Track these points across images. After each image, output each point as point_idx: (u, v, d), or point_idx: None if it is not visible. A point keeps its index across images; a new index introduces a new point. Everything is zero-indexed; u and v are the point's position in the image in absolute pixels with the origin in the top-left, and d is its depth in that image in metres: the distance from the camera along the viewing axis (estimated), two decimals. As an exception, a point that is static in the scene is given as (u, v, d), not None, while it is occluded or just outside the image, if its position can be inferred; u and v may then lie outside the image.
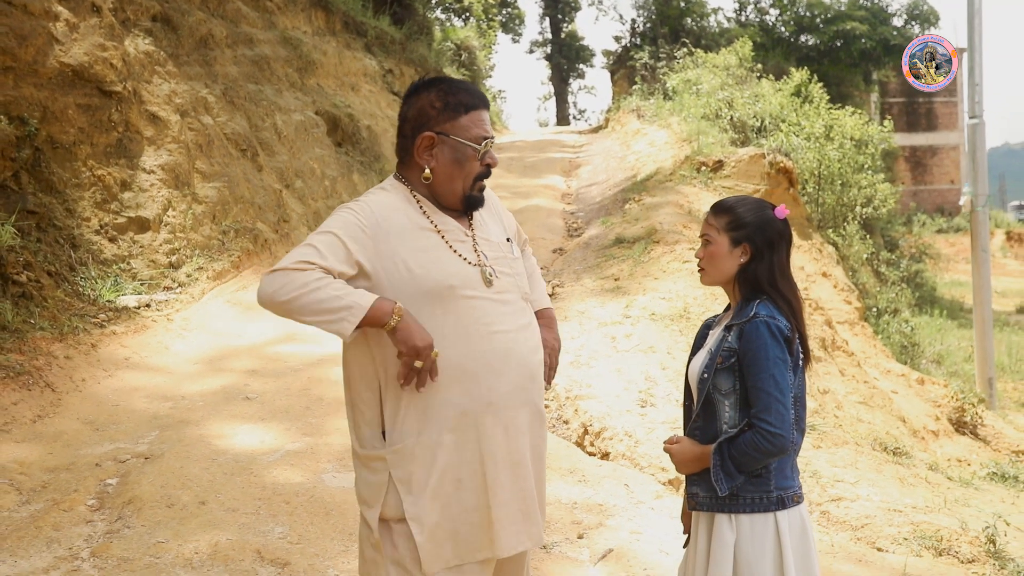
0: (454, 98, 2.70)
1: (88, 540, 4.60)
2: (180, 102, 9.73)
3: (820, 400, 7.88)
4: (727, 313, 2.93)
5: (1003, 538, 5.38)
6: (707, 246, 2.88)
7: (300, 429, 6.16)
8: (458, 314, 2.62)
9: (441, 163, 2.69)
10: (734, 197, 2.96)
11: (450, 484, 2.59)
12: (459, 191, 2.73)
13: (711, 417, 2.79)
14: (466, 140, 2.67)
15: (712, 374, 2.77)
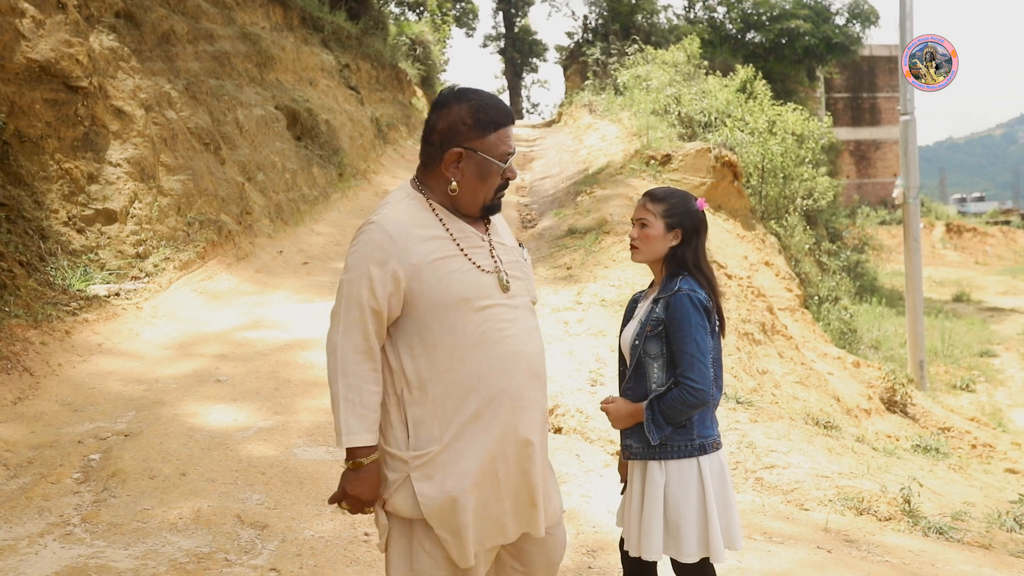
0: (484, 115, 2.76)
1: (77, 508, 4.93)
2: (144, 97, 9.99)
3: (759, 380, 8.42)
4: (652, 288, 3.37)
5: (917, 499, 5.92)
6: (644, 228, 3.31)
7: (271, 408, 6.53)
8: (475, 323, 2.70)
9: (466, 177, 2.76)
10: (665, 188, 3.40)
11: (471, 484, 2.68)
12: (480, 202, 2.81)
13: (641, 379, 3.24)
14: (493, 157, 2.76)
15: (643, 341, 3.22)
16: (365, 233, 2.73)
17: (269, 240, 11.07)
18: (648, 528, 3.15)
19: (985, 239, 39.72)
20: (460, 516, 2.69)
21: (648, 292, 3.40)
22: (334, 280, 10.16)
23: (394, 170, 17.23)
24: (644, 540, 3.16)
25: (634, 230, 3.32)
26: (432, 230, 2.75)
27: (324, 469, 5.55)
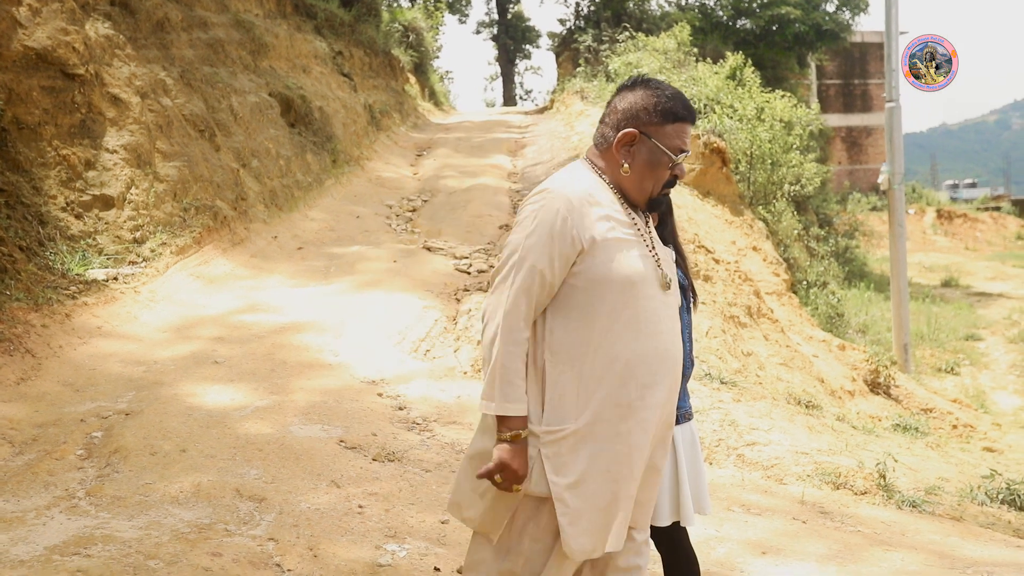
0: (666, 105, 2.76)
1: (82, 483, 5.12)
2: (140, 84, 10.12)
3: (743, 361, 8.63)
4: None
5: (893, 474, 6.14)
6: None
7: (267, 389, 6.72)
8: (634, 309, 2.66)
9: (637, 162, 2.74)
10: None
11: (596, 473, 2.63)
12: (647, 192, 2.79)
13: None
14: (665, 147, 2.74)
15: None
16: (544, 200, 2.67)
17: (264, 225, 11.23)
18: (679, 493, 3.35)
19: (975, 225, 39.97)
20: (582, 502, 2.62)
21: None
22: (328, 265, 10.35)
23: (387, 156, 17.38)
24: (683, 506, 3.35)
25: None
26: (609, 208, 2.73)
27: (319, 446, 5.74)
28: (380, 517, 4.87)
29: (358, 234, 12.00)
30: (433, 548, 4.57)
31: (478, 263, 10.72)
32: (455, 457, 6.02)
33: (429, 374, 7.54)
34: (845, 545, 4.82)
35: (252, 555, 4.26)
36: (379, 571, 4.22)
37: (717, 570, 4.47)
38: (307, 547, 4.40)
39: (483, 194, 14.34)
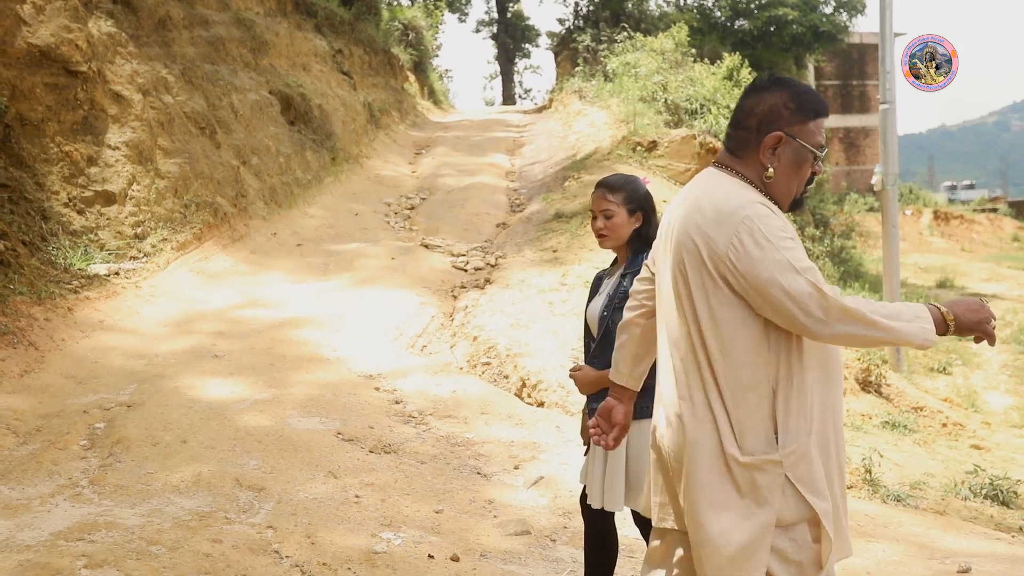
0: (806, 102, 2.69)
1: (85, 472, 5.25)
2: (142, 82, 10.24)
3: (735, 359, 8.74)
4: (616, 265, 3.68)
5: (879, 469, 6.27)
6: (610, 219, 3.61)
7: (266, 382, 6.85)
8: None
9: (782, 164, 2.66)
10: (617, 176, 3.71)
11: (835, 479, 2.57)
12: (792, 193, 2.72)
13: (608, 348, 3.55)
14: (810, 145, 2.67)
15: (611, 312, 3.54)
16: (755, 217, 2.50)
17: (263, 222, 11.36)
18: (612, 482, 3.47)
19: (972, 226, 40.06)
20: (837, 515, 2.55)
21: (612, 269, 3.70)
22: (326, 261, 10.48)
23: (386, 155, 17.50)
24: (608, 493, 3.48)
25: (599, 221, 3.61)
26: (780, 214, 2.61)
27: (317, 438, 5.87)
28: (376, 506, 4.99)
29: (357, 231, 12.12)
30: (427, 536, 4.69)
31: (475, 260, 10.85)
32: (450, 450, 6.15)
33: (425, 369, 7.67)
34: (828, 536, 4.95)
35: (251, 542, 4.39)
36: (375, 558, 4.35)
37: (703, 559, 4.61)
38: (305, 534, 4.52)
39: (481, 192, 14.47)
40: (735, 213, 2.51)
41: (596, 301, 3.64)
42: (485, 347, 8.07)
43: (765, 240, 2.45)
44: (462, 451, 6.17)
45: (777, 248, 2.44)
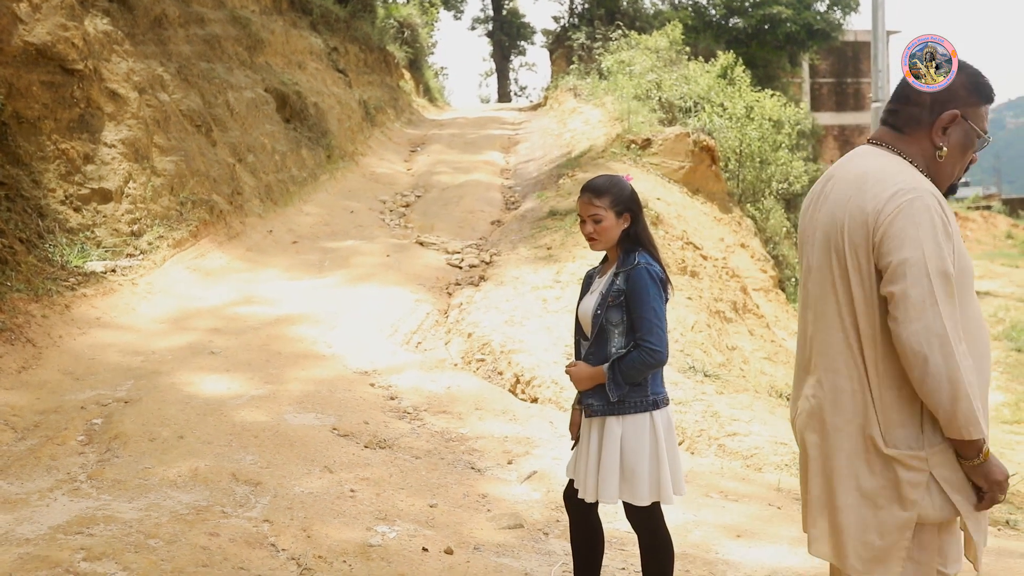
0: (981, 85, 2.65)
1: (83, 467, 5.30)
2: (138, 80, 10.28)
3: (728, 355, 8.83)
4: (607, 264, 3.74)
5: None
6: (599, 223, 3.66)
7: (262, 378, 6.91)
8: (975, 301, 2.51)
9: (951, 145, 2.58)
10: (602, 178, 3.75)
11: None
12: (953, 177, 2.62)
13: (603, 344, 3.62)
14: (980, 129, 2.60)
15: (604, 310, 3.60)
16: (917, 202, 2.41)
17: (259, 220, 11.41)
18: (606, 476, 3.53)
19: (966, 224, 40.21)
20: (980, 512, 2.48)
21: (603, 268, 3.76)
22: (322, 259, 10.54)
23: (381, 152, 17.56)
24: (602, 486, 3.54)
25: (588, 226, 3.65)
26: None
27: (312, 433, 5.94)
28: (371, 500, 5.06)
29: (352, 229, 12.18)
30: (422, 530, 4.76)
31: (470, 258, 10.91)
32: (444, 445, 6.21)
33: (420, 365, 7.73)
34: (817, 529, 5.03)
35: (248, 535, 4.45)
36: (370, 551, 4.41)
37: (693, 552, 4.68)
38: (301, 528, 4.58)
39: (476, 190, 14.53)
40: (899, 195, 2.41)
41: (588, 299, 3.70)
42: (479, 344, 8.14)
43: (910, 228, 2.36)
44: (456, 446, 6.24)
45: (926, 242, 2.35)
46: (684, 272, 9.85)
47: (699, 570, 4.45)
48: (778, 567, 4.47)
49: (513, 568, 4.42)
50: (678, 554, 4.64)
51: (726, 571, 4.43)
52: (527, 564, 4.47)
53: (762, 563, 4.52)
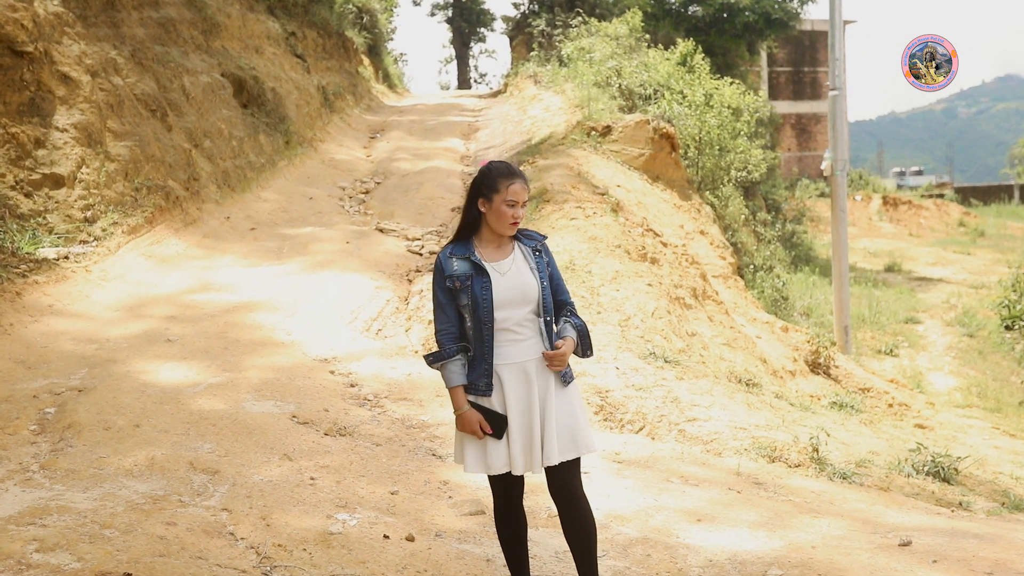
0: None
1: (35, 457, 5.20)
2: (90, 63, 10.07)
3: (688, 341, 8.88)
4: (488, 245, 3.69)
5: (826, 448, 6.42)
6: (525, 207, 3.72)
7: (220, 366, 6.82)
8: None
9: None
10: (515, 165, 3.82)
11: None
12: None
13: (552, 315, 3.78)
14: None
15: (545, 285, 3.75)
16: None
17: (216, 206, 11.26)
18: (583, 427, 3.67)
19: (920, 212, 40.83)
20: None
21: (488, 251, 3.69)
22: (281, 245, 10.43)
23: (340, 139, 17.40)
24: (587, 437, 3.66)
25: (520, 211, 3.66)
26: None
27: (271, 421, 5.87)
28: (331, 488, 5.02)
29: (311, 215, 12.07)
30: (383, 517, 4.73)
31: (430, 244, 10.86)
32: (405, 432, 6.18)
33: (380, 352, 7.68)
34: (776, 513, 5.08)
35: (206, 524, 4.39)
36: (330, 539, 4.37)
37: (654, 536, 4.70)
38: (260, 516, 4.53)
39: (436, 177, 14.46)
40: None
41: (522, 279, 3.65)
42: (440, 330, 8.09)
43: None
44: (417, 433, 6.21)
45: None
46: (644, 259, 9.88)
47: (660, 554, 4.47)
48: (738, 551, 4.50)
49: (475, 554, 4.41)
50: (639, 538, 4.67)
51: (687, 555, 4.45)
52: (489, 550, 4.47)
53: (722, 547, 4.56)
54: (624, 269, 9.33)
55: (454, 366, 3.64)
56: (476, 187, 3.69)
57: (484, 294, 3.59)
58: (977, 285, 22.60)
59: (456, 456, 3.74)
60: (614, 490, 5.31)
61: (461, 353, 3.66)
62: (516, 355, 3.62)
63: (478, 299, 3.59)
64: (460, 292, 3.62)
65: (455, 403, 3.63)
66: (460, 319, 3.66)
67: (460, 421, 3.62)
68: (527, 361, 3.61)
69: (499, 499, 3.78)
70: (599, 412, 6.81)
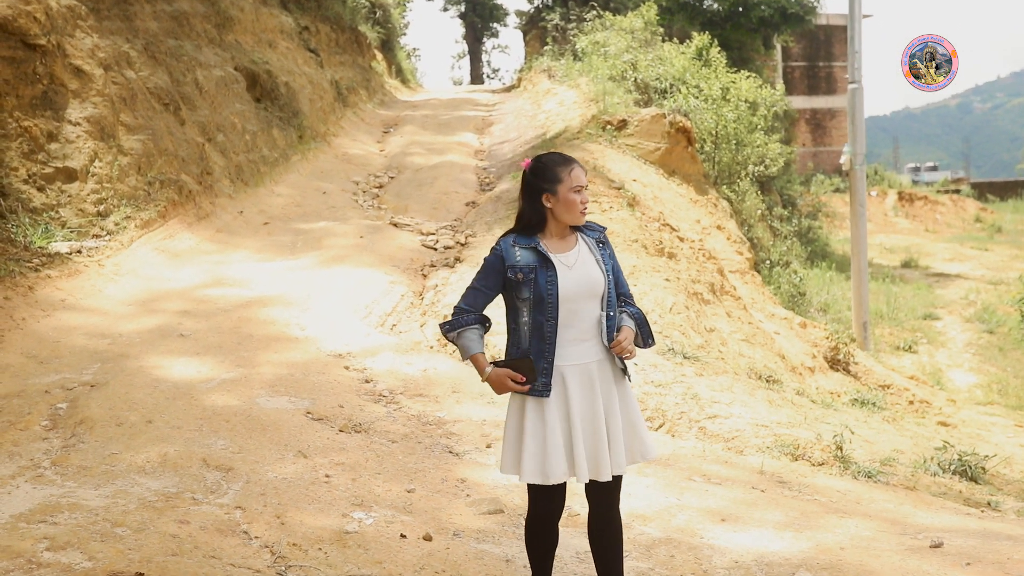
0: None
1: (47, 453, 5.12)
2: (103, 56, 10.00)
3: (706, 337, 8.75)
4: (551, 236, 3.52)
5: (850, 446, 6.29)
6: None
7: (233, 362, 6.73)
8: None
9: None
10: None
11: None
12: None
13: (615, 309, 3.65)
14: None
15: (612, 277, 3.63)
16: None
17: (229, 200, 11.18)
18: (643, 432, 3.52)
19: (936, 207, 40.48)
20: None
21: (552, 242, 3.52)
22: (294, 240, 10.34)
23: (354, 133, 17.31)
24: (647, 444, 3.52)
25: (585, 195, 3.52)
26: None
27: (286, 417, 5.78)
28: (347, 486, 4.92)
29: (324, 210, 11.98)
30: (399, 516, 4.63)
31: (445, 239, 10.76)
32: (421, 429, 6.08)
33: (395, 348, 7.58)
34: (802, 513, 4.95)
35: (219, 523, 4.30)
36: (346, 538, 4.28)
37: (678, 536, 4.58)
38: (274, 515, 4.44)
39: (450, 171, 14.35)
40: None
41: (583, 271, 3.50)
42: (456, 326, 7.99)
43: None
44: (433, 430, 6.11)
45: None
46: (661, 254, 9.76)
47: (684, 555, 4.35)
48: (764, 552, 4.38)
49: (494, 554, 4.31)
50: (662, 538, 4.55)
51: (712, 556, 4.33)
52: (508, 550, 4.36)
53: (748, 548, 4.44)
54: (641, 264, 9.21)
55: (471, 334, 3.48)
56: (535, 184, 3.50)
57: (550, 288, 3.39)
58: (996, 281, 22.36)
59: (506, 464, 3.48)
60: (635, 488, 5.19)
61: (479, 324, 3.51)
62: (579, 356, 3.42)
63: (543, 293, 3.39)
64: (522, 285, 3.41)
65: (478, 369, 3.46)
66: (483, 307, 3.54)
67: (492, 385, 3.43)
68: (590, 363, 3.42)
69: (541, 510, 3.54)
70: (618, 409, 6.69)
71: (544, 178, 3.49)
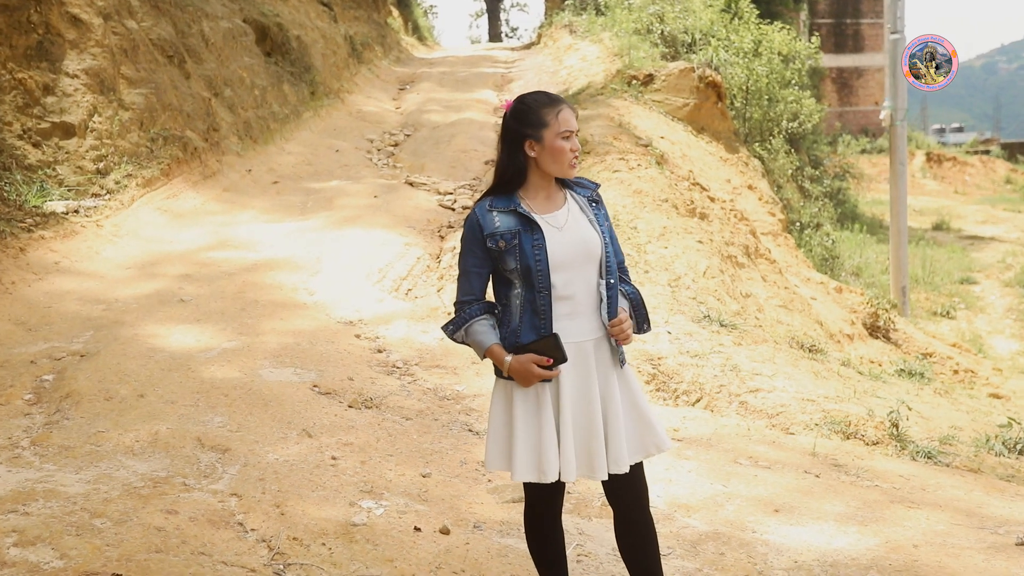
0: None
1: (27, 431, 4.67)
2: (102, 4, 9.44)
3: (742, 303, 8.20)
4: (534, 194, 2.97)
5: (905, 423, 5.75)
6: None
7: (235, 329, 6.25)
8: None
9: None
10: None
11: None
12: None
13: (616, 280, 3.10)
14: None
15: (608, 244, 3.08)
16: None
17: (237, 158, 10.65)
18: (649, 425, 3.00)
19: (965, 168, 39.45)
20: None
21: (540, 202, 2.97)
22: (305, 200, 9.82)
23: (369, 90, 16.70)
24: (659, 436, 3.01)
25: (573, 142, 2.93)
26: None
27: (290, 391, 5.30)
28: (355, 470, 4.43)
29: (337, 168, 11.43)
30: (413, 504, 4.14)
31: (463, 199, 10.21)
32: (438, 404, 5.59)
33: (410, 315, 7.08)
34: (864, 502, 4.42)
35: (212, 513, 3.84)
36: (353, 531, 3.80)
37: (726, 530, 4.07)
38: (273, 504, 3.97)
39: (468, 129, 13.75)
40: None
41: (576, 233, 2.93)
42: (475, 291, 7.47)
43: None
44: (451, 405, 5.61)
45: None
46: (693, 214, 9.18)
47: (735, 553, 3.84)
48: (827, 549, 3.86)
49: (518, 551, 3.81)
50: (709, 532, 4.05)
51: (767, 554, 3.82)
52: (536, 545, 3.86)
53: (808, 544, 3.91)
54: (672, 225, 8.63)
55: (479, 326, 2.91)
56: (516, 130, 2.91)
57: (537, 254, 2.84)
58: (1032, 244, 21.61)
59: (492, 460, 2.95)
60: (676, 474, 4.67)
61: (487, 313, 2.94)
62: (574, 332, 2.87)
63: (530, 261, 2.84)
64: (506, 254, 2.86)
65: (497, 363, 2.87)
66: (484, 290, 2.97)
67: (516, 377, 2.84)
68: (586, 341, 2.88)
69: (538, 507, 3.05)
70: (651, 381, 6.17)
71: (527, 122, 2.91)
